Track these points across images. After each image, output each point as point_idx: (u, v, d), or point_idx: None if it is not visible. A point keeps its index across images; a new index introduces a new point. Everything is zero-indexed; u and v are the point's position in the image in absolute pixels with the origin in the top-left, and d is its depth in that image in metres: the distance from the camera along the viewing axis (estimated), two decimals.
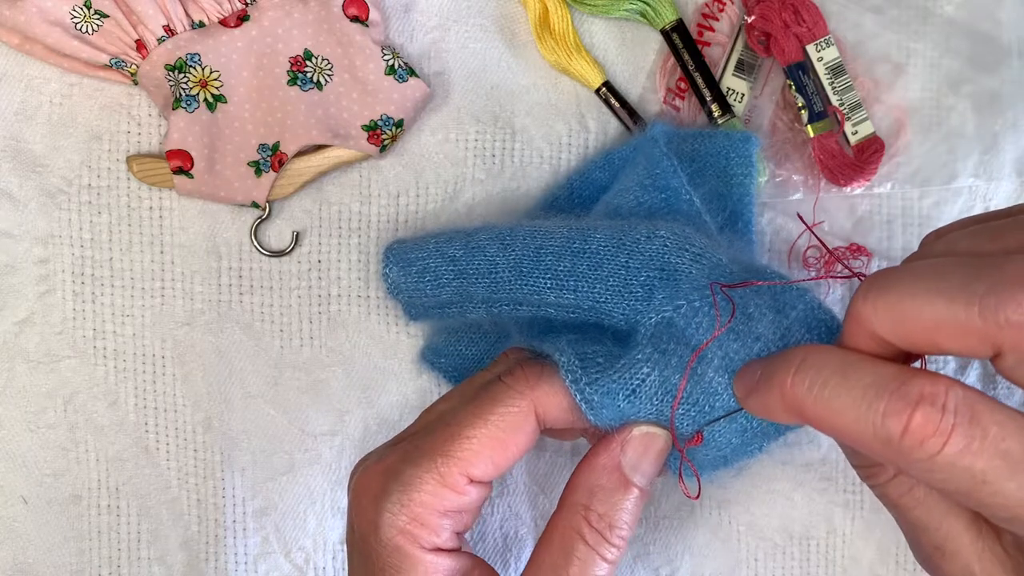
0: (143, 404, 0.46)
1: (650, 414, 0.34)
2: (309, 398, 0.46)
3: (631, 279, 0.36)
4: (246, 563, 0.47)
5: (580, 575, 0.33)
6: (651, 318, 0.35)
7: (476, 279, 0.39)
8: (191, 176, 0.43)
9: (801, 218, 0.39)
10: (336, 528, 0.47)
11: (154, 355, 0.46)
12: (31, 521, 0.46)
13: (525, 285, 0.38)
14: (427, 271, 0.41)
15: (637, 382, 0.34)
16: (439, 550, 0.34)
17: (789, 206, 0.47)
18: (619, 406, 0.34)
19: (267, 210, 0.44)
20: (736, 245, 0.42)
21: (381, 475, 0.35)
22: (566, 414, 0.35)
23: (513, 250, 0.39)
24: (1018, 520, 0.26)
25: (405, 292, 0.42)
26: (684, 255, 0.36)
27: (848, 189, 0.47)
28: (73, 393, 0.45)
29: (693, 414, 0.34)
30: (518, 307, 0.39)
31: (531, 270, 0.38)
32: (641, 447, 0.34)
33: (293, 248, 0.45)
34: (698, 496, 0.35)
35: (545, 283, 0.38)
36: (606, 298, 0.36)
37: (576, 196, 0.45)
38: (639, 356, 0.34)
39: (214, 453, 0.46)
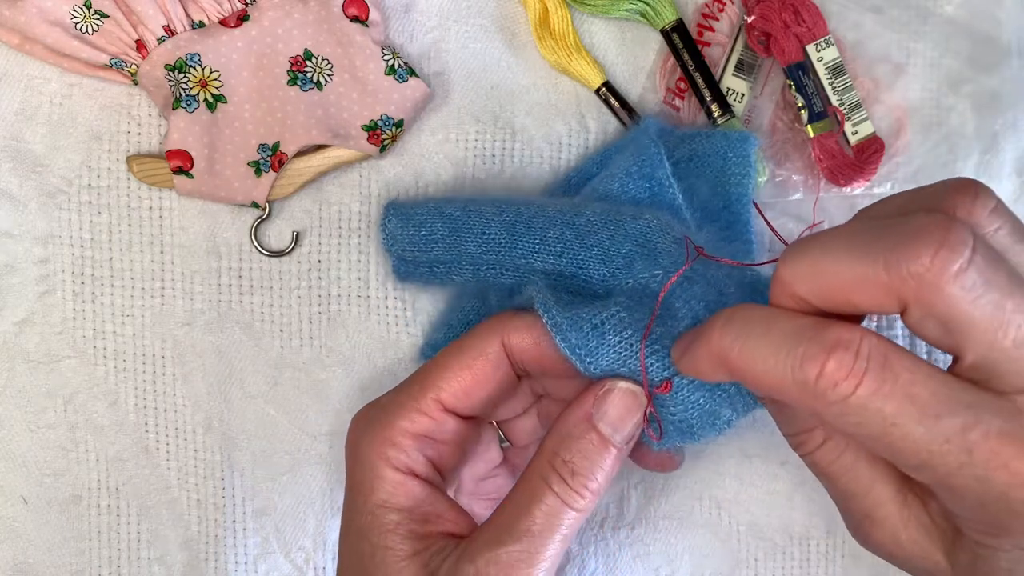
0: (143, 404, 0.46)
1: (619, 344, 0.35)
2: (309, 398, 0.46)
3: (614, 249, 0.39)
4: (246, 563, 0.47)
5: (544, 518, 0.34)
6: (628, 283, 0.38)
7: (469, 237, 0.41)
8: (191, 176, 0.43)
9: (756, 207, 0.40)
10: (336, 528, 0.47)
11: (154, 355, 0.46)
12: (31, 521, 0.46)
13: (514, 248, 0.40)
14: (424, 224, 0.42)
15: (606, 315, 0.35)
16: (413, 474, 0.36)
17: (789, 206, 0.47)
18: (585, 333, 0.35)
19: (267, 210, 0.44)
20: (720, 240, 0.42)
21: (369, 408, 0.38)
22: (535, 348, 0.36)
23: (507, 215, 0.41)
24: (926, 467, 0.27)
25: (400, 244, 0.43)
26: (666, 236, 0.38)
27: (848, 189, 0.47)
28: (73, 393, 0.45)
29: (662, 355, 0.35)
30: (504, 271, 0.41)
31: (522, 234, 0.40)
32: (614, 399, 0.35)
33: (293, 248, 0.45)
34: (661, 437, 0.35)
35: (533, 247, 0.40)
36: (588, 264, 0.39)
37: (573, 191, 0.45)
38: (611, 300, 0.36)
39: (214, 453, 0.46)
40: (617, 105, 0.46)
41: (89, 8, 0.41)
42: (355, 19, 0.43)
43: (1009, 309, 0.26)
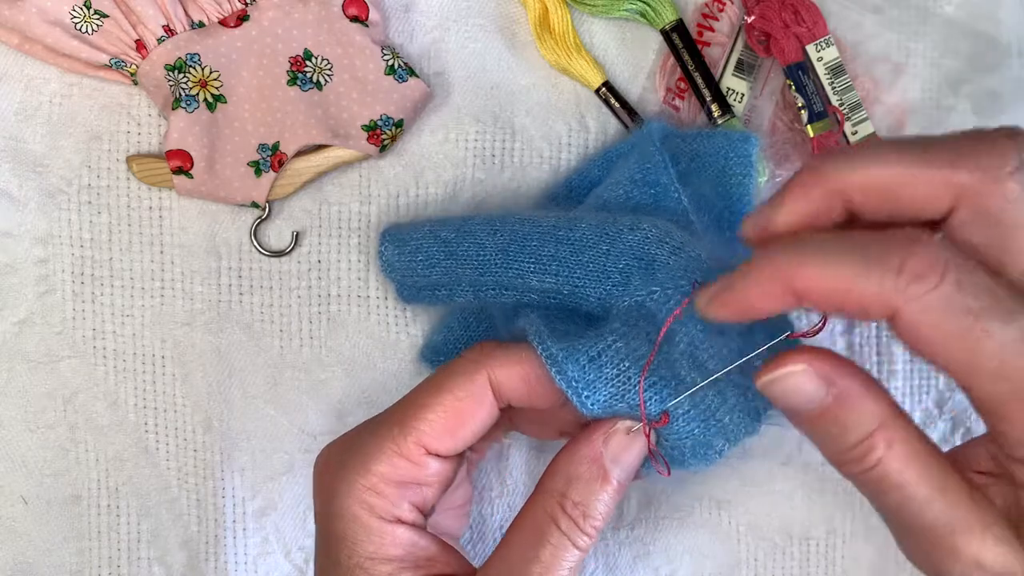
0: (143, 404, 0.46)
1: (616, 378, 0.34)
2: (309, 398, 0.46)
3: (610, 265, 0.38)
4: (246, 563, 0.47)
5: (551, 560, 0.33)
6: (624, 301, 0.37)
7: (465, 261, 0.40)
8: (191, 176, 0.43)
9: None
10: None
11: (154, 355, 0.46)
12: (31, 521, 0.46)
13: (510, 268, 0.39)
14: (420, 251, 0.42)
15: (603, 346, 0.35)
16: (399, 521, 0.34)
17: None
18: (583, 365, 0.34)
19: (267, 210, 0.44)
20: (726, 244, 0.42)
21: (339, 449, 0.36)
22: (523, 384, 0.35)
23: (502, 235, 0.40)
24: (1004, 375, 0.26)
25: (398, 271, 0.43)
26: (664, 247, 0.37)
27: None
28: (73, 393, 0.45)
29: (659, 388, 0.34)
30: (503, 291, 0.40)
31: (516, 254, 0.39)
32: (624, 441, 0.34)
33: (293, 248, 0.45)
34: (669, 473, 0.35)
35: (528, 267, 0.39)
36: (584, 282, 0.38)
37: (575, 195, 0.45)
38: (607, 329, 0.35)
39: (214, 453, 0.46)
40: (617, 105, 0.46)
41: (89, 8, 0.41)
42: (355, 19, 0.43)
43: None
